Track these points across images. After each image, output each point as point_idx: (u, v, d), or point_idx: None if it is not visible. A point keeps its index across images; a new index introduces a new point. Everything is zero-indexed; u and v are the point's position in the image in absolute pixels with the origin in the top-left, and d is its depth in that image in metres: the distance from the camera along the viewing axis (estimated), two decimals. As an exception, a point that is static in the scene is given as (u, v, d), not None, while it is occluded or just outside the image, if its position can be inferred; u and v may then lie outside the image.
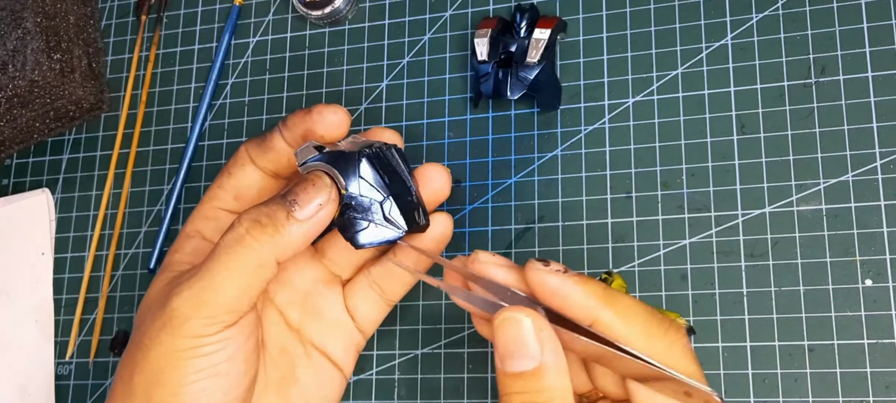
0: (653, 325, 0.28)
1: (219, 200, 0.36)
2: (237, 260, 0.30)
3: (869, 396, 0.36)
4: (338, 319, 0.38)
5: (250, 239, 0.30)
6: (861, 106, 0.39)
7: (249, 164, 0.35)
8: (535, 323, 0.28)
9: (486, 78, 0.42)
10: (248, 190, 0.36)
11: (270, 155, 0.35)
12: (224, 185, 0.36)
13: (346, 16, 0.48)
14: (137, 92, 0.51)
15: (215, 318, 0.30)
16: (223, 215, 0.36)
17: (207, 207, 0.36)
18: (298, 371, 0.37)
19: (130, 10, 0.53)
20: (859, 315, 0.37)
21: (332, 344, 0.38)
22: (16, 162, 0.52)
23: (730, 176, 0.40)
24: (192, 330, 0.30)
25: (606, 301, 0.28)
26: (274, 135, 0.35)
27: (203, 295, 0.30)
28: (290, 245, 0.31)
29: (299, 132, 0.34)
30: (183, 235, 0.36)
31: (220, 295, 0.30)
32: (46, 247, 0.50)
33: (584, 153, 0.42)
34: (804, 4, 0.41)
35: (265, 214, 0.30)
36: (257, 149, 0.35)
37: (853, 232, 0.38)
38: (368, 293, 0.38)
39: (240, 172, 0.35)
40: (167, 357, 0.30)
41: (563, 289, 0.28)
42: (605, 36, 0.44)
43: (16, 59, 0.45)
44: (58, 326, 0.48)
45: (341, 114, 0.33)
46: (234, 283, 0.30)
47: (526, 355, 0.28)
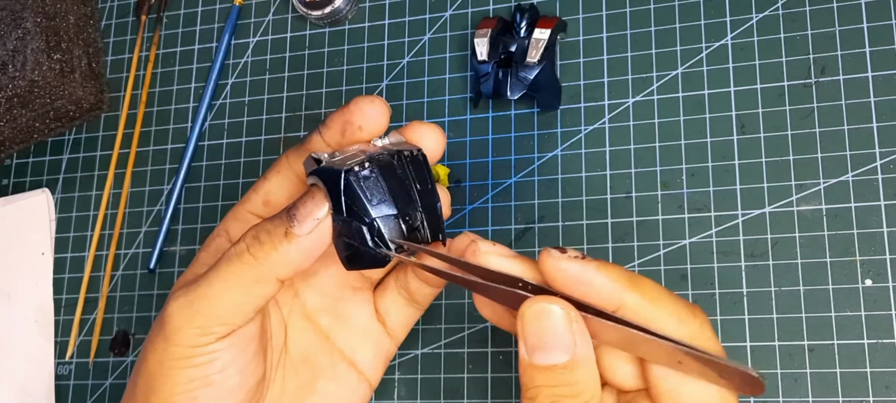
0: (681, 308, 0.27)
1: (250, 203, 0.35)
2: (234, 275, 0.30)
3: (869, 396, 0.36)
4: (367, 326, 0.37)
5: (249, 257, 0.30)
6: (861, 106, 0.39)
7: (286, 169, 0.34)
8: (568, 314, 0.27)
9: (486, 78, 0.42)
10: (279, 194, 0.35)
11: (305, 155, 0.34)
12: (258, 189, 0.35)
13: (347, 16, 0.48)
14: (137, 92, 0.51)
15: (206, 329, 0.30)
16: (251, 218, 0.35)
17: (239, 209, 0.35)
18: (319, 382, 0.36)
19: (130, 10, 0.53)
20: (859, 315, 0.37)
21: (362, 353, 0.37)
22: (16, 162, 0.52)
23: (730, 176, 0.40)
24: (184, 338, 0.30)
25: (631, 284, 0.27)
26: (313, 137, 0.33)
27: (196, 305, 0.30)
28: (289, 263, 0.30)
29: (337, 128, 0.32)
30: (213, 234, 0.36)
31: (214, 307, 0.30)
32: (46, 247, 0.50)
33: (584, 153, 0.42)
34: (804, 4, 0.41)
35: (266, 231, 0.30)
36: (295, 152, 0.34)
37: (853, 232, 0.38)
38: (397, 297, 0.37)
39: (275, 177, 0.35)
40: (161, 365, 0.30)
41: (584, 276, 0.27)
42: (605, 36, 0.44)
43: (16, 59, 0.45)
44: (58, 326, 0.48)
45: (378, 105, 0.32)
46: (229, 297, 0.30)
47: (559, 347, 0.27)
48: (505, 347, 0.41)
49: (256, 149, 0.48)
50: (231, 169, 0.48)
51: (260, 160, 0.47)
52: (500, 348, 0.41)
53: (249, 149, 0.48)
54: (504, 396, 0.41)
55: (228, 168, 0.48)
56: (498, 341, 0.42)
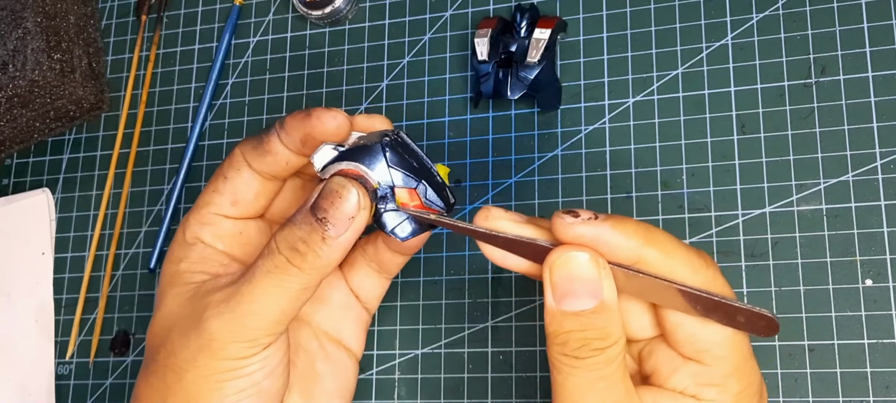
0: (694, 259, 0.28)
1: (215, 205, 0.35)
2: (279, 287, 0.30)
3: (869, 396, 0.36)
4: (345, 302, 0.38)
5: (293, 268, 0.30)
6: (861, 106, 0.39)
7: (246, 168, 0.34)
8: (595, 260, 0.27)
9: (486, 78, 0.42)
10: (246, 194, 0.34)
11: (267, 158, 0.34)
12: (220, 190, 0.35)
13: (347, 15, 0.48)
14: (138, 92, 0.51)
15: (256, 341, 0.30)
16: (221, 220, 0.35)
17: (204, 213, 0.35)
18: (317, 365, 0.37)
19: (131, 10, 0.53)
20: (859, 315, 0.37)
21: (346, 329, 0.38)
22: (16, 161, 0.52)
23: (730, 176, 0.40)
24: (233, 353, 0.30)
25: (648, 238, 0.27)
26: (271, 138, 0.33)
27: (245, 320, 0.30)
28: (330, 265, 0.30)
29: (298, 136, 0.33)
30: (183, 243, 0.35)
31: (262, 319, 0.30)
32: (47, 247, 0.50)
33: (585, 153, 0.42)
34: (804, 4, 0.41)
35: (301, 240, 0.30)
36: (253, 152, 0.34)
37: (853, 232, 0.38)
38: (368, 270, 0.38)
39: (236, 176, 0.34)
40: (206, 380, 0.30)
41: (601, 237, 0.27)
42: (605, 36, 0.44)
43: (16, 59, 0.45)
44: (58, 326, 0.48)
45: (341, 118, 0.32)
46: (277, 308, 0.30)
47: (588, 293, 0.27)
48: (505, 347, 0.41)
49: (257, 149, 0.48)
50: (231, 168, 0.48)
51: (260, 160, 0.47)
52: (500, 348, 0.41)
53: (250, 148, 0.48)
54: (504, 396, 0.41)
55: (229, 168, 0.48)
56: (498, 341, 0.42)
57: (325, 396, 0.36)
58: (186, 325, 0.31)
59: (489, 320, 0.42)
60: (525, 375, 0.41)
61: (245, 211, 0.35)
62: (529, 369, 0.41)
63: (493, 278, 0.42)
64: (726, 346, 0.28)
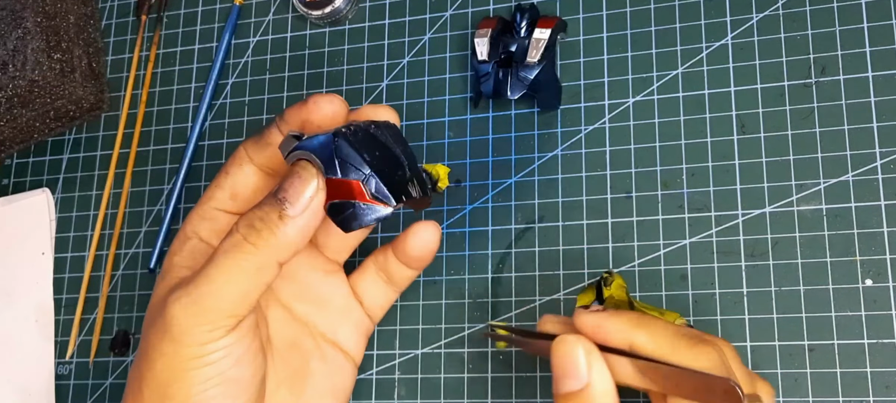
0: (680, 340, 0.30)
1: (215, 200, 0.36)
2: (236, 266, 0.30)
3: (869, 396, 0.36)
4: (345, 305, 0.38)
5: (248, 245, 0.30)
6: (861, 106, 0.39)
7: (247, 163, 0.35)
8: (584, 347, 0.30)
9: (486, 78, 0.42)
10: (245, 188, 0.35)
11: (267, 151, 0.34)
12: (221, 185, 0.35)
13: (347, 15, 0.48)
14: (138, 91, 0.51)
15: (216, 324, 0.30)
16: (220, 215, 0.35)
17: (205, 208, 0.36)
18: (311, 364, 0.37)
19: (131, 10, 0.53)
20: (859, 314, 0.37)
21: (343, 332, 0.38)
22: (16, 161, 0.53)
23: (730, 175, 0.40)
24: (194, 337, 0.30)
25: (638, 325, 0.30)
26: (271, 130, 0.34)
27: (202, 302, 0.30)
28: (289, 245, 0.30)
29: (296, 125, 0.33)
30: (181, 236, 0.36)
31: (220, 300, 0.30)
32: (46, 247, 0.50)
33: (585, 153, 0.42)
34: (804, 4, 0.41)
35: (259, 217, 0.30)
36: (255, 146, 0.35)
37: (853, 232, 0.38)
38: (376, 279, 0.39)
39: (237, 171, 0.35)
40: (173, 370, 0.30)
41: (602, 324, 0.31)
42: (605, 36, 0.44)
43: (16, 59, 0.45)
44: (58, 326, 0.49)
45: (337, 102, 0.33)
46: (234, 288, 0.30)
47: (575, 375, 0.30)
48: (504, 347, 0.41)
49: (256, 149, 0.48)
50: (231, 168, 0.48)
51: (260, 160, 0.48)
52: (500, 348, 0.41)
53: (249, 148, 0.48)
54: (504, 396, 0.41)
55: (228, 168, 0.48)
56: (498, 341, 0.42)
57: (315, 395, 0.37)
58: (156, 316, 0.31)
59: (489, 320, 0.42)
60: (525, 375, 0.41)
61: (243, 205, 0.36)
62: (529, 369, 0.41)
63: (493, 278, 0.42)
64: None
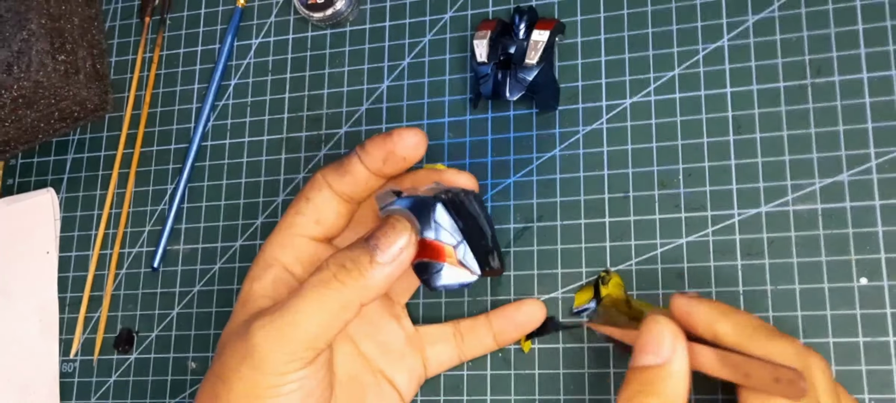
0: (759, 332, 0.31)
1: (298, 227, 0.36)
2: (322, 301, 0.31)
3: (864, 394, 0.37)
4: (402, 351, 0.39)
5: (336, 283, 0.31)
6: (856, 106, 0.39)
7: (327, 189, 0.36)
8: (672, 329, 0.31)
9: (485, 79, 0.43)
10: (328, 214, 0.36)
11: (347, 179, 0.35)
12: (303, 211, 0.36)
13: (348, 18, 0.48)
14: (141, 93, 0.51)
15: (295, 354, 0.31)
16: (302, 242, 0.36)
17: (286, 235, 0.36)
18: (368, 398, 0.38)
19: (134, 12, 0.53)
20: (854, 313, 0.38)
21: (399, 375, 0.39)
22: (21, 162, 0.53)
23: (726, 175, 0.40)
24: (273, 366, 0.31)
25: (723, 314, 0.32)
26: (352, 159, 0.35)
27: (286, 331, 0.31)
28: (373, 288, 0.32)
29: (379, 156, 0.35)
30: (261, 263, 0.36)
31: (302, 332, 0.31)
32: (51, 246, 0.50)
33: (582, 153, 0.43)
34: (800, 6, 0.41)
35: (350, 259, 0.31)
36: (335, 174, 0.36)
37: (848, 232, 0.38)
38: (451, 341, 0.40)
39: (318, 197, 0.36)
40: (249, 395, 0.31)
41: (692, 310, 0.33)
42: (602, 37, 0.44)
43: (21, 61, 0.46)
44: (62, 324, 0.49)
45: (419, 136, 0.35)
46: (317, 322, 0.31)
47: (655, 352, 0.31)
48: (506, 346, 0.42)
49: (259, 150, 0.48)
50: (233, 169, 0.48)
51: (262, 160, 0.48)
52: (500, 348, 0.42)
53: (252, 149, 0.48)
54: (504, 394, 0.41)
55: (231, 168, 0.48)
56: (497, 339, 0.42)
57: None
58: (238, 340, 0.33)
59: (488, 318, 0.42)
60: (524, 373, 0.41)
61: (327, 230, 0.37)
62: (529, 367, 0.41)
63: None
64: None
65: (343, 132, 0.47)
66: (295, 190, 0.47)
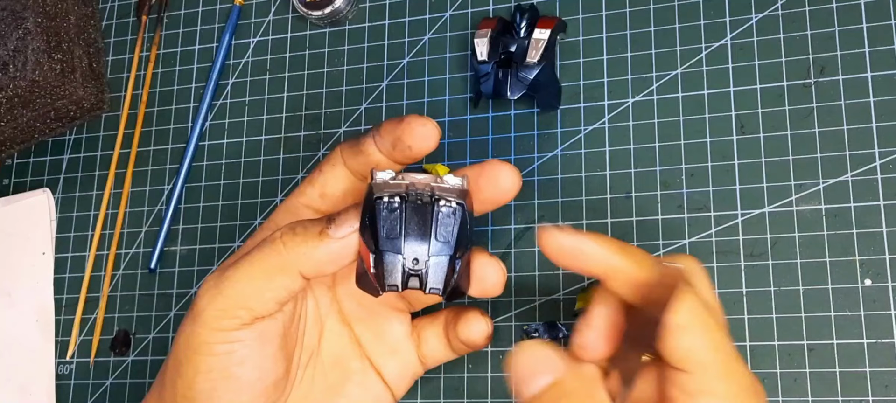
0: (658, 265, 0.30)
1: (305, 196, 0.36)
2: (261, 261, 0.31)
3: (868, 396, 0.36)
4: (398, 344, 0.38)
5: (279, 244, 0.31)
6: (860, 106, 0.39)
7: (341, 165, 0.36)
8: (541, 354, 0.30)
9: (486, 78, 0.42)
10: (335, 189, 0.36)
11: (361, 158, 0.35)
12: (313, 181, 0.36)
13: (347, 16, 0.48)
14: (138, 92, 0.51)
15: (228, 311, 0.31)
16: (305, 211, 0.36)
17: (293, 201, 0.36)
18: (348, 386, 0.37)
19: (131, 11, 0.53)
20: (859, 314, 0.37)
21: (390, 367, 0.38)
22: (16, 161, 0.53)
23: (729, 176, 0.40)
24: (208, 320, 0.31)
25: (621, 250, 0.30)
26: (367, 139, 0.35)
27: (221, 286, 0.31)
28: (314, 260, 0.31)
29: (390, 139, 0.34)
30: (265, 227, 0.36)
31: (237, 289, 0.31)
32: (47, 247, 0.50)
33: (584, 153, 0.42)
34: (803, 5, 0.41)
35: (302, 225, 0.31)
36: (350, 150, 0.35)
37: (852, 232, 0.38)
38: (440, 335, 0.38)
39: (330, 171, 0.36)
40: (187, 348, 0.32)
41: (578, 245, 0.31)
42: (604, 36, 0.44)
43: (17, 59, 0.45)
44: (58, 326, 0.49)
45: (430, 127, 0.34)
46: (253, 281, 0.31)
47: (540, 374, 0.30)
48: (505, 347, 0.41)
49: (257, 149, 0.48)
50: (231, 169, 0.48)
51: (260, 160, 0.48)
52: (500, 348, 0.41)
53: (250, 149, 0.48)
54: (504, 396, 0.41)
55: (229, 168, 0.48)
56: (497, 341, 0.42)
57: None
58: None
59: (489, 320, 0.42)
60: (525, 375, 0.41)
61: (332, 206, 0.36)
62: (529, 369, 0.41)
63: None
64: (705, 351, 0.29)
65: (342, 132, 0.47)
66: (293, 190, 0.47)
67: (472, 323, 0.37)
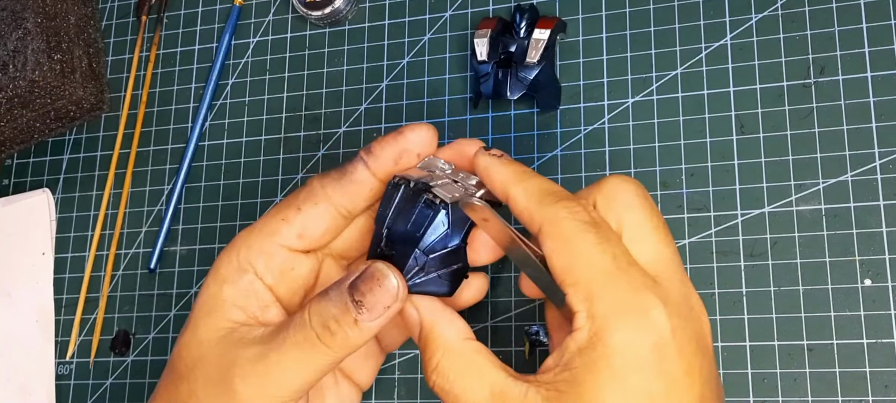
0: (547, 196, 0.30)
1: (280, 235, 0.33)
2: (306, 361, 0.31)
3: (868, 396, 0.36)
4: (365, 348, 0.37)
5: (321, 345, 0.30)
6: (860, 106, 0.39)
7: (323, 202, 0.33)
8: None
9: (485, 78, 0.42)
10: (315, 229, 0.33)
11: (351, 188, 0.33)
12: (290, 220, 0.33)
13: (347, 16, 0.48)
14: (138, 92, 0.51)
15: (278, 398, 0.31)
16: (280, 251, 0.33)
17: (266, 240, 0.33)
18: (327, 396, 0.37)
19: (131, 11, 0.53)
20: (858, 314, 0.37)
21: (360, 372, 0.38)
22: (16, 162, 0.53)
23: (729, 176, 0.40)
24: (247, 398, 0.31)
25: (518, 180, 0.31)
26: (356, 167, 0.33)
27: (269, 389, 0.31)
28: (358, 346, 0.31)
29: (390, 157, 0.32)
30: (234, 265, 0.34)
31: (286, 388, 0.31)
32: (47, 247, 0.50)
33: (584, 153, 0.42)
34: (803, 5, 0.41)
35: (333, 319, 0.30)
36: (335, 183, 0.33)
37: (852, 232, 0.38)
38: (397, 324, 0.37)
39: (311, 209, 0.33)
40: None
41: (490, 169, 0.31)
42: (604, 36, 0.44)
43: (16, 60, 0.45)
44: (58, 326, 0.49)
45: (431, 131, 0.33)
46: (301, 379, 0.31)
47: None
48: (504, 347, 0.41)
49: (256, 150, 0.48)
50: (231, 169, 0.48)
51: (260, 160, 0.48)
52: (500, 348, 0.41)
53: (249, 149, 0.48)
54: (504, 396, 0.41)
55: (228, 168, 0.48)
56: (497, 341, 0.42)
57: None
58: (214, 376, 0.31)
59: (488, 320, 0.42)
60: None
61: (308, 244, 0.34)
62: (529, 369, 0.41)
63: (493, 278, 0.42)
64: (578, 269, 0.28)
65: (342, 132, 0.47)
66: (293, 190, 0.47)
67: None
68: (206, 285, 0.34)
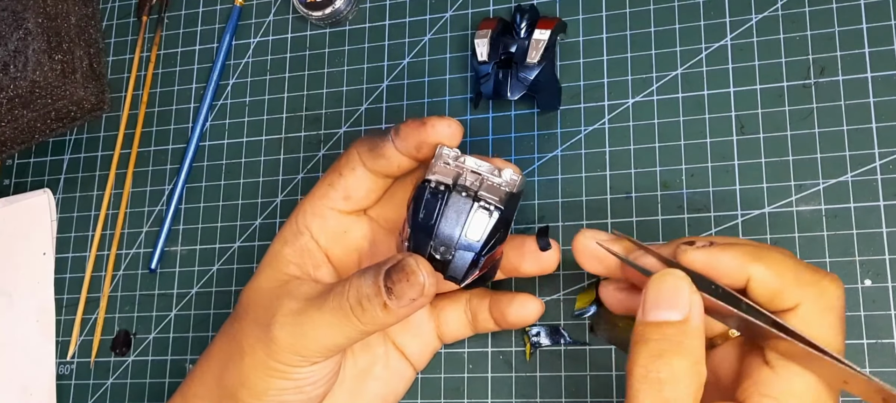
0: (804, 272, 0.29)
1: (329, 199, 0.37)
2: (339, 326, 0.33)
3: (868, 396, 0.36)
4: (418, 326, 0.40)
5: (353, 317, 0.33)
6: (860, 106, 0.39)
7: (360, 167, 0.37)
8: (690, 285, 0.29)
9: (486, 78, 0.42)
10: (358, 191, 0.37)
11: (381, 161, 0.36)
12: (335, 185, 0.37)
13: (347, 17, 0.48)
14: (138, 92, 0.51)
15: (308, 358, 0.34)
16: (332, 214, 0.37)
17: (317, 204, 0.37)
18: (376, 367, 0.39)
19: (132, 11, 0.53)
20: (859, 315, 0.37)
21: (411, 346, 0.40)
22: (17, 162, 0.53)
23: (729, 176, 0.40)
24: (286, 359, 0.34)
25: (755, 256, 0.29)
26: (386, 142, 0.35)
27: (303, 340, 0.34)
28: (385, 326, 0.34)
29: (412, 143, 0.35)
30: (293, 227, 0.38)
31: (318, 345, 0.34)
32: (48, 247, 0.50)
33: (584, 153, 0.42)
34: (803, 5, 0.41)
35: (366, 297, 0.33)
36: (369, 153, 0.36)
37: (852, 233, 0.38)
38: (461, 314, 0.40)
39: (350, 174, 0.37)
40: (257, 369, 0.35)
41: (711, 262, 0.29)
42: (604, 37, 0.44)
43: (17, 60, 0.45)
44: (59, 326, 0.49)
45: (455, 126, 0.35)
46: (332, 340, 0.34)
47: (675, 306, 0.29)
48: (505, 347, 0.41)
49: (257, 150, 0.48)
50: (232, 169, 0.48)
51: (261, 160, 0.48)
52: (500, 348, 0.42)
53: (250, 149, 0.48)
54: (504, 396, 0.41)
55: (229, 168, 0.48)
56: (498, 341, 0.42)
57: (371, 397, 0.39)
58: (261, 318, 0.35)
59: (489, 320, 0.42)
60: (525, 375, 0.41)
61: (356, 205, 0.37)
62: (530, 369, 0.41)
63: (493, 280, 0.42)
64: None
65: (342, 132, 0.47)
66: (294, 190, 0.47)
67: (527, 305, 0.38)
68: (272, 244, 0.38)
